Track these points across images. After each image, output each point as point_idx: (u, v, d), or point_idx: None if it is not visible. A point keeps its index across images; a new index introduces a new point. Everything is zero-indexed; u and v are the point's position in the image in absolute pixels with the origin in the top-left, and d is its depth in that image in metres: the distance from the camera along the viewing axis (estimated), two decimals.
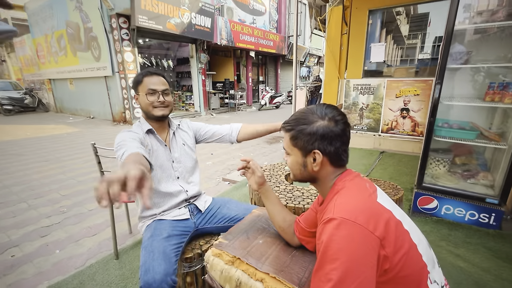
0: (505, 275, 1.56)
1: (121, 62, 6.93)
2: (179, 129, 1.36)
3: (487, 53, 2.16)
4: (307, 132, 0.70)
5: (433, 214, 2.15)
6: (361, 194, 0.63)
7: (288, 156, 0.79)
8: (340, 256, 0.51)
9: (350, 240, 0.52)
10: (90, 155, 4.35)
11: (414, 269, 0.56)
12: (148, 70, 1.23)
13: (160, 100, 1.19)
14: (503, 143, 1.93)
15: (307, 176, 0.76)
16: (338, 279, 0.50)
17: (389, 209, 0.60)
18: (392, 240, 0.55)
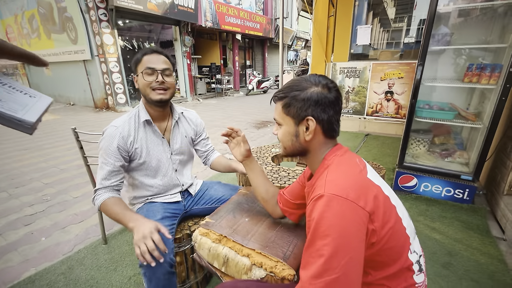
0: (475, 244, 1.69)
1: (100, 45, 6.59)
2: (184, 118, 1.28)
3: (468, 36, 2.21)
4: (300, 98, 0.68)
5: (413, 191, 2.27)
6: (352, 170, 0.63)
7: (279, 127, 0.76)
8: (331, 232, 0.53)
9: (341, 216, 0.54)
10: (72, 143, 4.21)
11: (398, 241, 0.59)
12: (148, 47, 1.12)
13: (158, 80, 1.07)
14: (478, 122, 2.03)
15: (298, 147, 0.73)
16: (329, 254, 0.52)
17: (378, 185, 0.62)
18: (381, 215, 0.57)
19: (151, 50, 1.10)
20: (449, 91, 2.37)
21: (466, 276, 1.44)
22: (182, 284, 1.29)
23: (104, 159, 1.06)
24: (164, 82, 1.08)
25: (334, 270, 0.51)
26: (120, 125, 1.10)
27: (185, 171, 1.32)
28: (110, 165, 1.06)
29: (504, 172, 1.97)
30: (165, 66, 1.09)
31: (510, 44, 1.77)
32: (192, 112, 1.35)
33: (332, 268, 0.51)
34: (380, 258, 0.58)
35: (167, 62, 1.11)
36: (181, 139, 1.25)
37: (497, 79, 1.85)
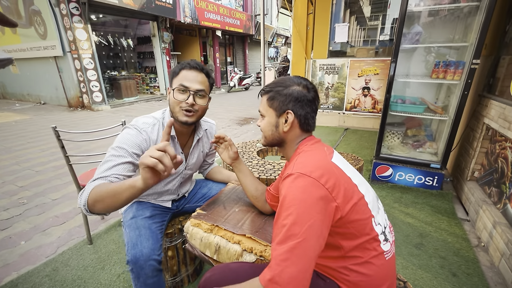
0: (443, 226, 1.86)
1: (73, 41, 6.26)
2: (205, 134, 1.25)
3: (436, 35, 2.38)
4: (283, 93, 0.78)
5: (389, 180, 2.42)
6: (318, 155, 0.73)
7: (263, 118, 0.84)
8: (293, 203, 0.61)
9: (303, 190, 0.62)
10: (47, 143, 4.02)
11: (362, 215, 0.67)
12: (189, 62, 1.02)
13: (189, 101, 0.99)
14: (445, 115, 2.21)
15: (277, 137, 0.82)
16: (291, 222, 0.59)
17: (340, 168, 0.71)
18: (342, 193, 0.64)
19: (191, 65, 1.02)
20: (419, 86, 2.55)
21: (436, 254, 1.58)
22: (173, 277, 1.31)
23: (116, 151, 0.92)
24: (194, 104, 1.00)
25: (297, 235, 0.58)
26: (142, 128, 1.02)
27: (188, 182, 1.32)
28: (121, 157, 0.91)
29: (467, 160, 2.16)
30: (201, 87, 1.01)
31: (471, 43, 1.94)
32: (212, 125, 1.30)
33: (294, 234, 0.58)
34: (348, 231, 0.66)
35: (204, 82, 1.03)
36: (198, 154, 1.23)
37: (460, 75, 2.02)
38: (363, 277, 0.67)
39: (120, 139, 0.96)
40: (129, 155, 0.94)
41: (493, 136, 1.90)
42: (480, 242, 1.70)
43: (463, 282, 1.39)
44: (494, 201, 1.76)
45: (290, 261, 0.56)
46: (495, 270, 1.47)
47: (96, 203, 0.77)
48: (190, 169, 1.24)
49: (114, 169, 0.88)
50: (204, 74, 1.03)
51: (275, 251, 0.59)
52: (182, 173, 1.20)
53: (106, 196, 0.75)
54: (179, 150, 1.13)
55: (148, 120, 1.06)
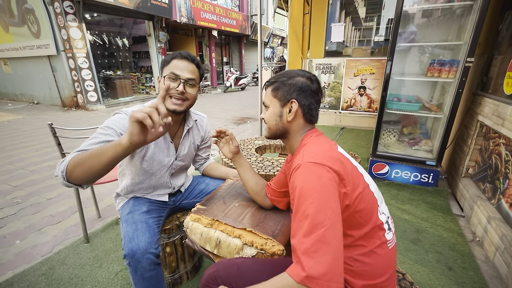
0: (439, 221, 1.88)
1: (67, 40, 6.19)
2: (196, 125, 1.24)
3: (431, 34, 2.42)
4: (288, 83, 0.79)
5: (385, 178, 2.45)
6: (325, 145, 0.74)
7: (267, 109, 0.84)
8: (312, 192, 0.60)
9: (319, 177, 0.62)
10: (41, 143, 3.96)
11: (368, 204, 0.68)
12: (180, 52, 1.04)
13: (179, 89, 0.99)
14: (440, 113, 2.24)
15: (281, 127, 0.82)
16: (314, 211, 0.58)
17: (346, 157, 0.73)
18: (351, 180, 0.66)
19: (182, 55, 1.03)
20: (415, 85, 2.58)
21: (432, 249, 1.61)
22: (172, 274, 1.31)
23: (104, 130, 0.92)
24: (184, 92, 1.01)
25: (323, 223, 0.57)
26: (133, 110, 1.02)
27: (181, 175, 1.30)
28: (108, 136, 0.90)
29: (462, 157, 2.20)
30: (191, 76, 1.02)
31: (465, 42, 1.97)
32: (203, 118, 1.31)
33: (320, 222, 0.57)
34: (354, 220, 0.67)
35: (194, 72, 1.04)
36: (189, 146, 1.23)
37: (455, 73, 2.06)
38: (366, 266, 0.68)
39: (109, 121, 0.97)
40: (116, 135, 0.93)
41: (487, 133, 1.94)
42: (475, 237, 1.72)
43: (459, 275, 1.41)
44: (488, 196, 1.79)
45: (322, 250, 0.55)
46: (490, 264, 1.50)
47: (76, 167, 0.72)
48: (182, 160, 1.22)
49: (99, 144, 0.86)
50: (194, 65, 1.04)
51: (303, 244, 0.57)
52: (173, 164, 1.18)
53: (88, 158, 0.72)
54: (168, 140, 1.13)
55: (138, 108, 1.04)
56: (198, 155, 1.36)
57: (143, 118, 0.63)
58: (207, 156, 1.41)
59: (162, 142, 1.12)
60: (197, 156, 1.37)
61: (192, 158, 1.31)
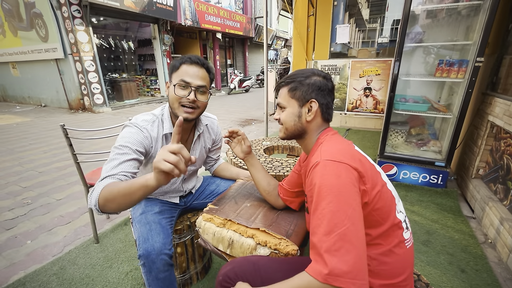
0: (449, 223, 1.86)
1: (74, 43, 6.29)
2: (206, 129, 1.23)
3: (438, 34, 2.41)
4: (306, 83, 0.79)
5: (393, 179, 2.43)
6: (342, 143, 0.74)
7: (283, 110, 0.83)
8: (332, 191, 0.60)
9: (338, 175, 0.61)
10: (49, 145, 4.01)
11: (386, 202, 0.67)
12: (190, 56, 0.99)
13: (190, 98, 0.97)
14: (449, 113, 2.22)
15: (299, 127, 0.81)
16: (334, 209, 0.57)
17: (364, 155, 0.72)
18: (370, 178, 0.65)
19: (192, 60, 0.99)
20: (422, 85, 2.56)
21: (443, 251, 1.58)
22: (182, 275, 1.31)
23: (120, 149, 0.91)
24: (195, 101, 0.99)
25: (343, 222, 0.56)
26: (143, 126, 1.00)
27: (192, 178, 1.30)
28: (126, 155, 0.90)
29: (472, 158, 2.17)
30: (202, 82, 0.99)
31: (474, 42, 1.96)
32: (214, 121, 1.29)
33: (340, 221, 0.57)
34: (372, 218, 0.66)
35: (205, 77, 1.01)
36: (200, 150, 1.21)
37: (464, 73, 2.04)
38: (385, 265, 0.67)
39: (122, 138, 0.95)
40: (133, 152, 0.93)
41: (497, 134, 1.91)
42: (487, 238, 1.70)
43: (472, 278, 1.39)
44: (500, 198, 1.76)
45: (345, 249, 0.55)
46: (504, 266, 1.47)
47: (107, 202, 0.75)
48: (194, 165, 1.21)
49: (120, 166, 0.87)
50: (205, 70, 1.01)
51: (325, 243, 0.56)
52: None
53: (117, 196, 0.74)
54: None
55: (147, 117, 1.04)
56: (209, 156, 1.36)
57: (170, 170, 0.62)
58: (218, 157, 1.41)
59: None
60: (208, 158, 1.36)
61: (203, 161, 1.31)
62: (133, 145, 0.94)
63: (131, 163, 0.91)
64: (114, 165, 0.87)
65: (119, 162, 0.88)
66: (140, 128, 0.99)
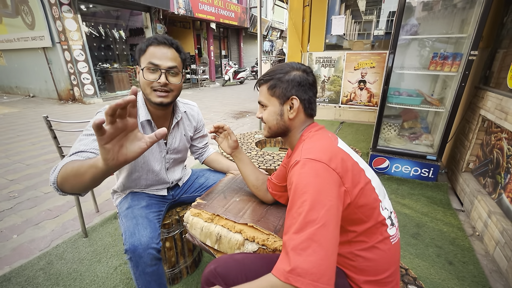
0: (439, 216, 1.88)
1: (62, 31, 6.07)
2: (186, 116, 1.19)
3: (432, 27, 2.38)
4: (285, 79, 0.75)
5: (385, 172, 2.44)
6: (324, 140, 0.71)
7: (264, 109, 0.81)
8: (308, 189, 0.58)
9: (316, 175, 0.59)
10: (37, 137, 3.91)
11: (369, 199, 0.66)
12: (156, 36, 0.92)
13: (161, 81, 0.92)
14: (442, 107, 2.22)
15: (282, 126, 0.79)
16: (308, 208, 0.56)
17: (347, 152, 0.69)
18: (350, 177, 0.63)
19: (159, 40, 0.92)
20: (416, 79, 2.55)
21: (432, 244, 1.61)
22: (172, 269, 1.30)
23: (89, 131, 0.86)
24: (167, 84, 0.93)
25: (315, 221, 0.54)
26: None
27: (177, 168, 1.26)
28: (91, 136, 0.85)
29: (462, 151, 2.19)
30: (172, 63, 0.93)
31: (469, 35, 1.94)
32: (194, 107, 1.25)
33: (312, 220, 0.54)
34: (356, 216, 0.65)
35: (175, 58, 0.95)
36: (180, 138, 1.17)
37: (457, 67, 2.03)
38: (369, 262, 0.66)
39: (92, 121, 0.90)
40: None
41: (488, 128, 1.92)
42: (475, 231, 1.73)
43: (459, 270, 1.41)
44: (489, 191, 1.78)
45: (311, 249, 0.52)
46: (490, 258, 1.50)
47: (64, 182, 0.68)
48: (174, 153, 1.18)
49: (91, 145, 0.82)
50: (174, 49, 0.95)
51: (293, 241, 0.54)
52: (165, 158, 1.15)
53: (69, 176, 0.66)
54: None
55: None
56: (194, 145, 1.32)
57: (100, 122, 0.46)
58: (204, 146, 1.35)
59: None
60: (193, 147, 1.33)
61: (186, 150, 1.27)
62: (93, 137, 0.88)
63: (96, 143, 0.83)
64: (84, 144, 0.82)
65: (89, 140, 0.83)
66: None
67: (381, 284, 0.68)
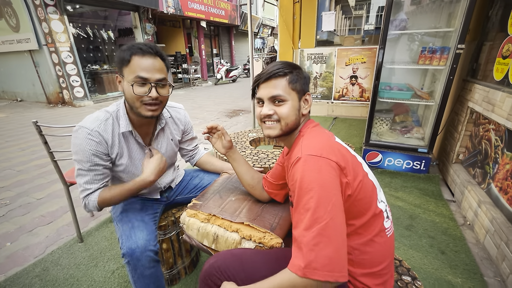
0: (431, 207, 1.92)
1: (49, 33, 5.93)
2: (172, 121, 1.15)
3: (421, 22, 2.42)
4: (303, 75, 0.77)
5: (378, 166, 2.48)
6: (322, 136, 0.73)
7: (281, 104, 0.75)
8: (313, 186, 0.60)
9: (319, 171, 0.61)
10: (27, 142, 3.83)
11: (367, 193, 0.68)
12: (139, 45, 0.87)
13: (152, 95, 0.88)
14: (431, 100, 2.26)
15: (297, 122, 0.78)
16: (315, 205, 0.58)
17: (345, 147, 0.72)
18: (351, 169, 0.65)
19: (143, 50, 0.87)
20: (406, 73, 2.59)
21: (425, 234, 1.64)
22: (170, 270, 1.30)
23: (82, 166, 0.92)
24: (158, 97, 0.91)
25: (323, 217, 0.57)
26: (93, 129, 0.90)
27: (167, 172, 1.23)
28: (91, 171, 0.93)
29: (452, 143, 2.24)
30: (160, 75, 0.90)
31: (456, 28, 1.98)
32: (180, 110, 1.21)
33: (320, 216, 0.58)
34: (355, 209, 0.67)
35: (162, 68, 0.91)
36: (167, 143, 1.14)
37: (445, 61, 2.07)
38: (365, 255, 0.68)
39: (76, 151, 0.91)
40: (95, 166, 0.94)
41: (477, 119, 1.97)
42: (466, 221, 1.77)
43: (451, 259, 1.45)
44: (478, 181, 1.83)
45: (323, 243, 0.56)
46: (481, 246, 1.54)
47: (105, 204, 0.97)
48: None
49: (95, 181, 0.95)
50: (159, 59, 0.91)
51: (304, 237, 0.58)
52: None
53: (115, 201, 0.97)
54: (141, 145, 1.04)
55: (100, 114, 0.96)
56: (183, 148, 1.29)
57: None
58: (194, 148, 1.33)
59: (137, 147, 1.05)
60: (183, 150, 1.30)
61: (175, 155, 1.24)
62: (90, 161, 0.92)
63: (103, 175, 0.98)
64: (88, 180, 0.94)
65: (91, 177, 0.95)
66: (90, 133, 0.90)
67: (377, 276, 0.70)
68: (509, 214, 1.43)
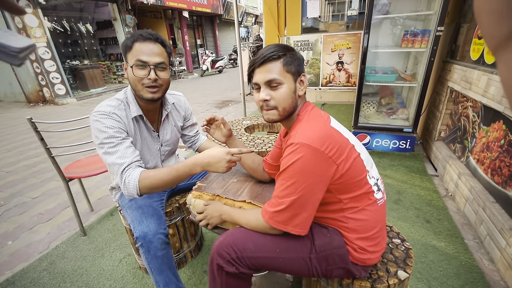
0: (417, 182, 2.06)
1: (23, 28, 5.65)
2: (174, 108, 1.21)
3: (403, 5, 2.49)
4: (297, 56, 0.77)
5: (367, 147, 2.60)
6: (318, 122, 0.76)
7: (276, 88, 0.76)
8: (294, 167, 0.69)
9: (305, 158, 0.68)
10: (12, 143, 3.72)
11: (357, 172, 0.74)
12: (141, 33, 0.94)
13: (151, 77, 0.94)
14: (414, 82, 2.37)
15: (294, 104, 0.79)
16: (290, 183, 0.70)
17: (338, 130, 0.76)
18: (343, 155, 0.71)
19: (144, 36, 0.93)
20: (390, 56, 2.68)
21: (412, 207, 1.78)
22: (176, 254, 1.36)
23: (108, 144, 0.92)
24: (157, 79, 0.96)
25: (293, 193, 0.70)
26: (110, 111, 0.96)
27: (170, 159, 1.29)
28: (119, 145, 0.92)
29: (434, 122, 2.37)
30: (160, 59, 0.95)
31: (435, 11, 2.06)
32: (180, 97, 1.26)
33: (291, 192, 0.70)
34: (347, 186, 0.74)
35: (162, 53, 0.96)
36: (171, 130, 1.20)
37: (427, 43, 2.16)
38: (359, 222, 0.76)
39: (99, 132, 0.93)
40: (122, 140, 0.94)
41: (456, 98, 2.10)
42: (448, 192, 1.92)
43: (435, 226, 1.58)
44: (458, 155, 1.97)
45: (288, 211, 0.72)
46: (461, 213, 1.69)
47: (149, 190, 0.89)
48: (167, 145, 1.21)
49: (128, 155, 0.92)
50: (160, 44, 0.96)
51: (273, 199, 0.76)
52: (160, 151, 1.19)
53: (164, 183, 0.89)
54: (150, 129, 1.11)
55: (111, 102, 1.00)
56: (185, 134, 1.33)
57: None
58: (196, 134, 1.37)
59: (146, 132, 1.10)
60: (185, 136, 1.34)
61: (177, 141, 1.29)
62: (119, 134, 0.94)
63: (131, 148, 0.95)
64: (121, 155, 0.91)
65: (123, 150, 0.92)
66: (109, 115, 0.95)
67: (370, 239, 0.78)
68: (485, 183, 1.57)
